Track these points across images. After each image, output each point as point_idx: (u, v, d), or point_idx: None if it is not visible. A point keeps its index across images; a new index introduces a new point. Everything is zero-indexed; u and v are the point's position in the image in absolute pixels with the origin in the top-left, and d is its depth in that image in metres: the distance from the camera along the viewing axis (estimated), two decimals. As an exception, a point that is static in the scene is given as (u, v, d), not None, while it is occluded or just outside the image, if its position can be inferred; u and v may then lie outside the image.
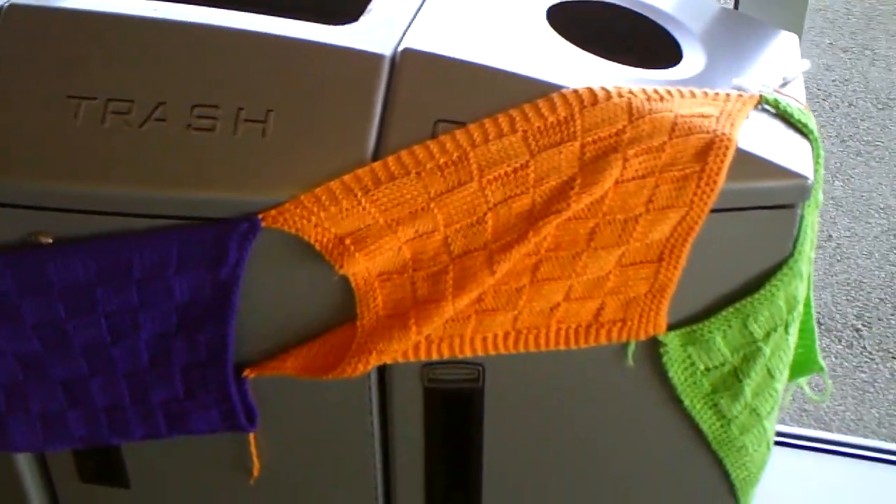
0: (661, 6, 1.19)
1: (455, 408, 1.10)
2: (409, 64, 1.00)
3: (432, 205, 0.97)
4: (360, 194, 0.96)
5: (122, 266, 1.02)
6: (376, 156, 0.98)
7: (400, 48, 1.01)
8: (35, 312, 1.05)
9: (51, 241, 1.03)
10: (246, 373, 1.08)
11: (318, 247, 0.98)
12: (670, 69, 1.08)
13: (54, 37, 1.04)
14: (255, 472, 1.15)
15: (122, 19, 1.05)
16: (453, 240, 0.98)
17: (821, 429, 2.01)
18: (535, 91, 0.99)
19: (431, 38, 1.03)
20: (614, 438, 1.13)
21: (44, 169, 1.01)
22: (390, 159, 0.97)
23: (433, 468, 1.14)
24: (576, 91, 0.98)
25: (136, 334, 1.06)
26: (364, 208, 0.97)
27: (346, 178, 0.97)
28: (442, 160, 0.96)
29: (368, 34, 1.03)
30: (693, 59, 1.09)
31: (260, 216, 0.98)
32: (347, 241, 0.98)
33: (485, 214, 0.97)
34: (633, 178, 0.97)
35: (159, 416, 1.11)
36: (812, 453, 1.69)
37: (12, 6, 1.05)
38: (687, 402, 1.09)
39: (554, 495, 1.17)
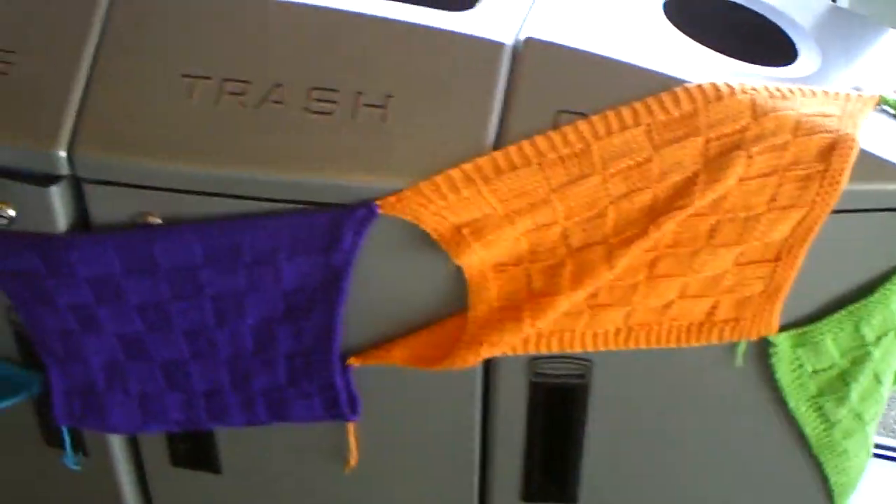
0: (773, 3, 1.17)
1: (559, 402, 1.08)
2: (531, 53, 0.99)
3: (553, 196, 0.96)
4: (480, 183, 0.95)
5: (232, 249, 1.01)
6: (497, 144, 0.97)
7: (521, 37, 0.99)
8: (139, 293, 1.05)
9: (159, 221, 1.02)
10: (350, 361, 1.07)
11: (434, 235, 0.97)
12: (787, 67, 1.06)
13: (167, 15, 1.03)
14: (353, 462, 1.14)
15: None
16: (572, 233, 0.97)
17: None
18: (657, 84, 0.97)
19: (551, 28, 1.01)
20: (715, 438, 1.12)
21: (156, 149, 1.00)
22: (512, 149, 0.96)
23: (531, 462, 1.13)
24: (700, 86, 0.96)
25: (241, 319, 1.05)
26: (484, 198, 0.96)
27: (467, 166, 0.96)
28: (564, 151, 0.95)
29: (486, 22, 1.02)
30: (808, 57, 1.08)
31: (377, 203, 0.97)
32: (465, 231, 0.97)
33: (606, 208, 0.96)
34: (757, 177, 0.95)
35: (260, 403, 1.10)
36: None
37: (120, -15, 1.04)
38: (792, 404, 1.08)
39: (649, 493, 1.16)
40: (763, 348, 1.04)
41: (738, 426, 1.11)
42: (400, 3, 1.04)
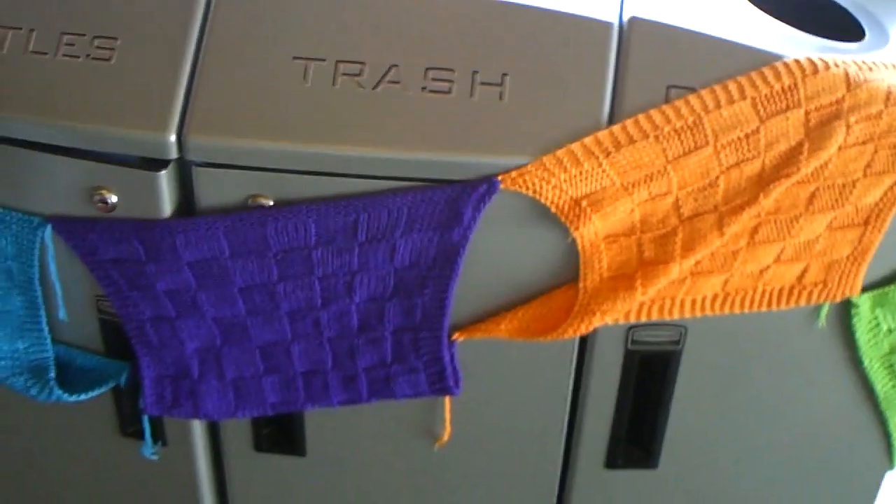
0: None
1: (651, 369, 1.13)
2: (637, 31, 1.03)
3: (669, 168, 1.00)
4: (601, 156, 0.99)
5: (348, 228, 1.02)
6: (611, 120, 1.01)
7: (624, 16, 1.04)
8: (245, 275, 1.06)
9: (271, 202, 1.03)
10: (456, 336, 1.09)
11: (553, 209, 1.01)
12: (859, 43, 1.13)
13: (276, 1, 1.05)
14: (446, 437, 1.16)
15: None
16: (684, 202, 1.02)
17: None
18: (756, 60, 1.02)
19: (648, 8, 1.06)
20: (789, 399, 1.18)
21: (270, 130, 1.01)
22: (629, 122, 1.00)
23: (618, 429, 1.17)
24: (797, 60, 1.02)
25: (349, 298, 1.07)
26: (603, 170, 1.00)
27: (587, 140, 0.99)
28: (678, 124, 1.00)
29: (587, 2, 1.06)
30: (875, 34, 1.14)
31: (499, 178, 1.00)
32: (584, 204, 1.01)
33: (717, 178, 1.01)
34: (854, 145, 1.01)
35: (362, 381, 1.12)
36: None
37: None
38: (866, 363, 1.14)
39: (725, 454, 1.21)
40: (845, 309, 1.11)
41: (814, 385, 1.17)
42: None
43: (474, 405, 1.14)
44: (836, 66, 1.02)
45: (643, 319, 1.08)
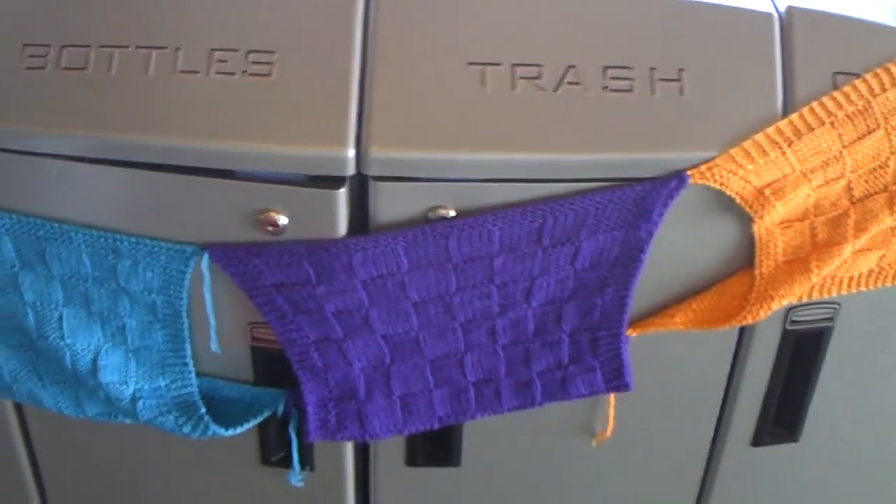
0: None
1: (805, 347, 1.16)
2: (797, 21, 1.05)
3: (844, 152, 1.03)
4: (784, 145, 1.01)
5: (532, 233, 1.01)
6: (785, 108, 1.03)
7: (781, 7, 1.06)
8: (422, 289, 1.04)
9: (453, 213, 1.01)
10: (629, 331, 1.10)
11: (738, 200, 1.02)
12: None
13: (436, 4, 1.02)
14: (609, 433, 1.17)
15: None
16: (856, 184, 1.05)
17: None
18: (908, 41, 1.06)
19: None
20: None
21: (452, 139, 0.99)
22: (805, 111, 1.02)
23: (768, 408, 1.19)
24: (950, 39, 1.06)
25: (527, 303, 1.06)
26: (787, 159, 1.01)
27: (770, 130, 1.01)
28: (850, 109, 1.02)
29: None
30: None
31: (688, 172, 1.00)
32: (767, 192, 1.02)
33: (887, 159, 1.04)
34: None
35: (536, 386, 1.11)
36: None
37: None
38: None
39: (864, 429, 1.25)
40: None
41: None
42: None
43: (633, 395, 1.15)
44: (980, 42, 1.06)
45: (805, 299, 1.10)
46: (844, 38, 1.05)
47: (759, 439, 1.22)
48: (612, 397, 1.14)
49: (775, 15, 1.04)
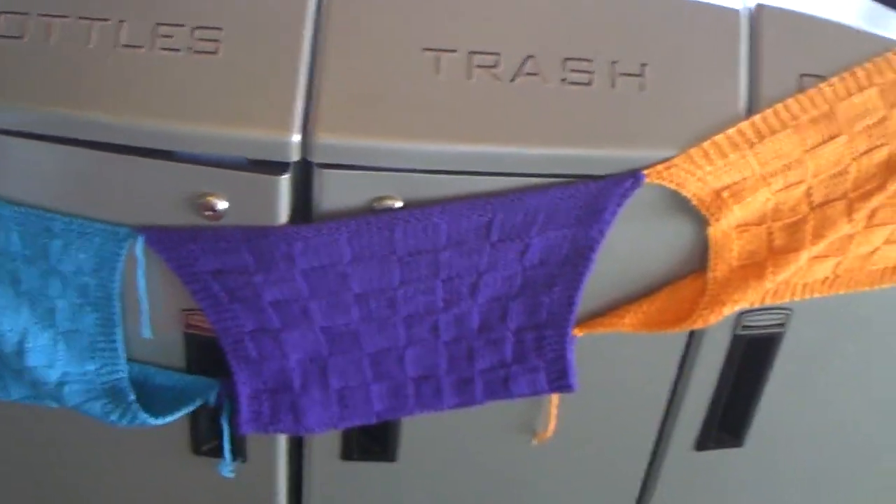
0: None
1: (754, 353, 1.13)
2: (766, 19, 1.02)
3: (806, 157, 1.00)
4: (745, 147, 0.98)
5: (481, 228, 0.98)
6: (749, 109, 1.00)
7: (751, 4, 1.02)
8: (364, 280, 1.00)
9: (400, 204, 0.98)
10: (575, 331, 1.07)
11: (695, 201, 0.99)
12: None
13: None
14: (549, 433, 1.14)
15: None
16: (816, 190, 1.02)
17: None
18: (877, 46, 1.03)
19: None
20: (874, 372, 1.21)
21: (403, 127, 0.95)
22: (769, 113, 0.99)
23: (714, 412, 1.17)
24: (916, 46, 1.03)
25: (472, 299, 1.03)
26: (747, 161, 0.99)
27: (731, 132, 0.98)
28: (814, 113, 1.00)
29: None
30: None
31: (644, 172, 0.97)
32: (725, 195, 0.99)
33: (848, 166, 1.02)
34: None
35: (478, 383, 1.08)
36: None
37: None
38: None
39: (809, 432, 1.24)
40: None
41: (889, 353, 1.20)
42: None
43: (576, 395, 1.12)
44: (949, 50, 1.04)
45: (758, 304, 1.07)
46: (813, 39, 1.02)
47: (703, 443, 1.20)
48: (554, 397, 1.11)
49: (744, 12, 1.01)
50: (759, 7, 1.02)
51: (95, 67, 0.94)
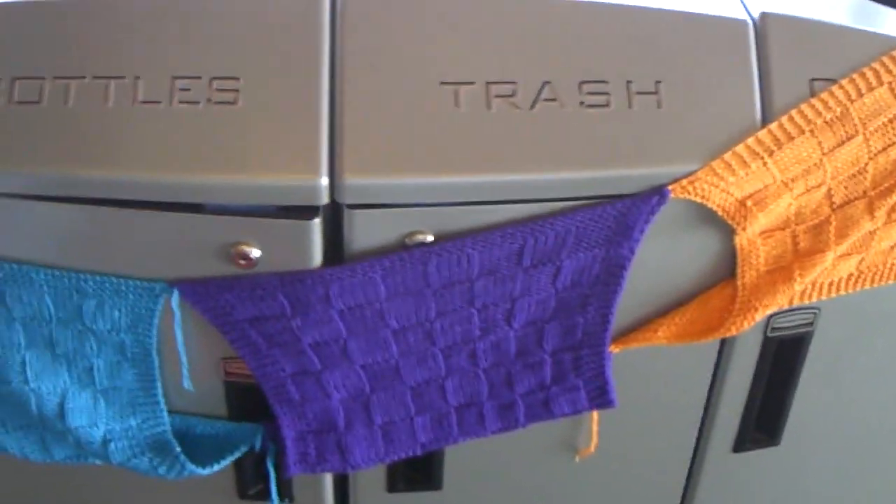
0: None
1: (785, 353, 1.15)
2: (772, 27, 1.03)
3: (824, 160, 1.02)
4: (765, 156, 1.00)
5: (513, 255, 0.99)
6: (764, 117, 1.01)
7: (754, 13, 1.04)
8: (401, 316, 1.01)
9: (431, 238, 0.99)
10: (612, 348, 1.08)
11: (720, 212, 1.00)
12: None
13: (404, 23, 0.99)
14: (592, 448, 1.15)
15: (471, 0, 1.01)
16: (836, 191, 1.04)
17: None
18: (883, 45, 1.05)
19: (766, 3, 1.06)
20: (892, 365, 1.22)
21: (429, 163, 0.96)
22: (784, 119, 1.00)
23: (749, 414, 1.18)
24: (921, 41, 1.05)
25: (508, 325, 1.04)
26: (768, 169, 1.00)
27: (750, 141, 0.99)
28: (828, 116, 1.01)
29: (705, 1, 1.05)
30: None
31: (669, 187, 0.98)
32: (749, 203, 1.01)
33: (866, 164, 1.03)
34: (978, 117, 1.06)
35: (519, 407, 1.09)
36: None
37: (348, -4, 0.99)
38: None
39: (844, 424, 1.25)
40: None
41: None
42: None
43: (615, 409, 1.13)
44: (952, 42, 1.06)
45: (786, 306, 1.09)
46: (819, 43, 1.04)
47: (740, 445, 1.21)
48: (595, 413, 1.12)
49: (749, 22, 1.03)
50: (764, 16, 1.03)
51: (116, 126, 0.94)
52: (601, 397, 1.08)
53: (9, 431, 1.08)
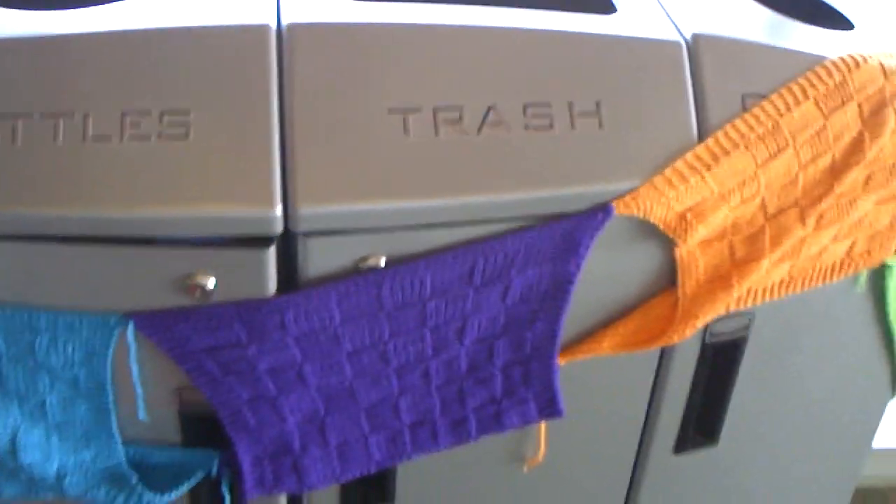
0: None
1: (722, 358, 1.19)
2: (703, 47, 1.07)
3: (759, 172, 1.06)
4: (703, 171, 1.04)
5: (464, 275, 1.01)
6: (700, 133, 1.05)
7: (686, 34, 1.08)
8: (355, 338, 1.02)
9: (384, 261, 1.01)
10: (559, 360, 1.11)
11: (661, 225, 1.04)
12: (855, 33, 1.22)
13: (350, 54, 1.00)
14: (540, 458, 1.18)
15: (415, 29, 1.03)
16: (769, 201, 1.08)
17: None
18: (806, 62, 1.10)
19: (696, 24, 1.10)
20: (827, 363, 1.28)
21: (380, 189, 0.98)
22: (720, 135, 1.05)
23: (688, 417, 1.23)
24: (841, 58, 1.10)
25: (459, 343, 1.06)
26: (706, 183, 1.04)
27: (689, 157, 1.03)
28: (760, 130, 1.06)
29: (644, 24, 1.09)
30: (864, 25, 1.24)
31: (613, 203, 1.02)
32: (689, 217, 1.05)
33: (797, 175, 1.08)
34: (900, 127, 1.11)
35: (471, 422, 1.11)
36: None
37: (293, 26, 1.00)
38: (891, 317, 1.27)
39: (774, 426, 1.30)
40: (879, 273, 1.22)
41: (846, 345, 1.27)
42: (551, 11, 1.08)
43: (560, 419, 1.16)
44: (871, 58, 1.11)
45: (723, 312, 1.13)
46: (749, 62, 1.08)
47: (681, 447, 1.25)
48: (542, 424, 1.15)
49: (683, 43, 1.06)
50: (696, 37, 1.07)
51: (67, 163, 0.94)
52: (550, 408, 1.11)
53: (-43, 471, 1.06)
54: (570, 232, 1.01)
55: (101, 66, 0.96)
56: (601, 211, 1.01)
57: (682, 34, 1.07)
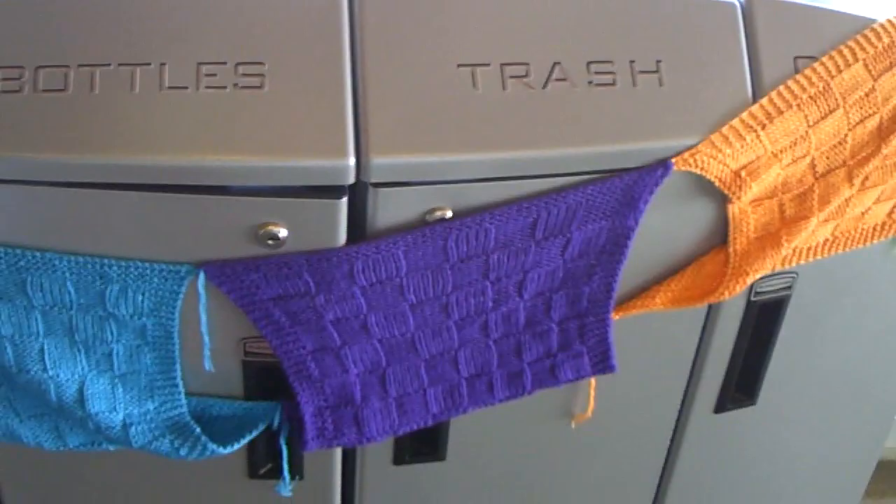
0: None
1: (765, 316, 1.22)
2: (758, 9, 1.10)
3: (810, 132, 1.09)
4: (758, 129, 1.06)
5: (526, 228, 1.04)
6: (755, 93, 1.08)
7: (740, -4, 1.11)
8: (419, 290, 1.05)
9: (451, 214, 1.03)
10: (613, 315, 1.13)
11: (717, 183, 1.07)
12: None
13: (421, 8, 1.03)
14: (589, 413, 1.20)
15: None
16: (819, 161, 1.11)
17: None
18: (855, 24, 1.13)
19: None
20: (864, 328, 1.31)
21: (449, 142, 1.00)
22: (774, 94, 1.07)
23: (730, 376, 1.26)
24: (889, 21, 1.13)
25: (519, 296, 1.08)
26: (760, 142, 1.07)
27: (744, 115, 1.06)
28: (812, 91, 1.09)
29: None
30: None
31: (672, 160, 1.05)
32: (743, 174, 1.08)
33: (846, 136, 1.11)
34: (942, 90, 1.15)
35: (527, 375, 1.14)
36: None
37: (363, -20, 1.02)
38: (924, 278, 1.30)
39: (812, 384, 1.34)
40: (913, 235, 1.25)
41: (883, 308, 1.31)
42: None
43: (608, 375, 1.18)
44: (917, 21, 1.14)
45: (769, 271, 1.16)
46: (801, 24, 1.11)
47: (721, 406, 1.28)
48: (593, 380, 1.17)
49: (737, 4, 1.09)
50: (750, -1, 1.10)
51: (143, 112, 0.95)
52: (603, 363, 1.14)
53: (22, 420, 1.08)
54: (629, 187, 1.04)
55: (177, 18, 0.98)
56: (661, 167, 1.03)
57: (735, -3, 1.10)
